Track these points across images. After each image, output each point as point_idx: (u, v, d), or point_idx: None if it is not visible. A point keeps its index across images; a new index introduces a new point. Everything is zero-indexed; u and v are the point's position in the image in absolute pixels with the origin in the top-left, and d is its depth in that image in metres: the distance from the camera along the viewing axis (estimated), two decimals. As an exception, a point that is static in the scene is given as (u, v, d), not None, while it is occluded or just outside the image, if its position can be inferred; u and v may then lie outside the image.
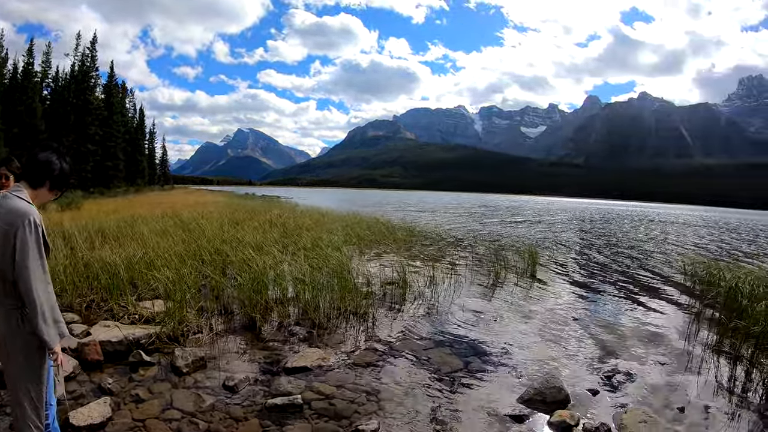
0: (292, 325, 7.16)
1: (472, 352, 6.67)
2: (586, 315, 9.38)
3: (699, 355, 7.25)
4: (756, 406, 5.56)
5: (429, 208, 54.87)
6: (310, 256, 10.54)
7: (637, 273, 15.25)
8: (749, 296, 9.36)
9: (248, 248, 10.42)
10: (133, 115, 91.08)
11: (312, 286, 8.15)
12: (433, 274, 11.44)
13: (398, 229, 19.96)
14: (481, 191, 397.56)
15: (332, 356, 6.05)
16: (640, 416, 4.88)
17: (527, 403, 5.12)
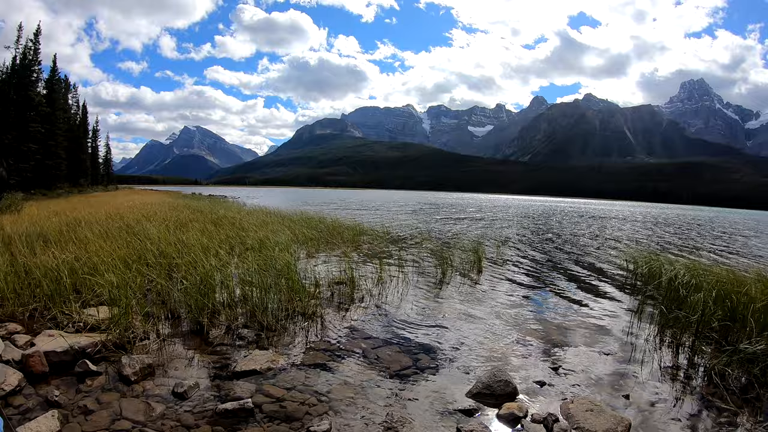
0: (241, 328, 7.05)
1: (420, 349, 6.75)
2: (532, 308, 9.64)
3: (642, 345, 7.57)
4: (698, 390, 5.89)
5: (376, 207, 54.95)
6: (257, 257, 10.39)
7: (580, 267, 15.74)
8: (687, 287, 9.77)
9: (194, 250, 10.29)
10: (76, 112, 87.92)
11: (260, 287, 8.08)
12: (380, 272, 11.49)
13: (345, 228, 19.95)
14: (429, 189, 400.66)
15: (282, 358, 6.03)
16: (587, 405, 5.05)
17: (476, 397, 5.24)
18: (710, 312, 7.90)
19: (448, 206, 68.79)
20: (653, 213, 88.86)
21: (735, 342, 6.92)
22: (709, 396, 5.70)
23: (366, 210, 46.16)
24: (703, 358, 6.94)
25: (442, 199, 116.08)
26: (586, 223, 43.34)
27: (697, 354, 7.14)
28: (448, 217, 40.33)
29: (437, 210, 53.85)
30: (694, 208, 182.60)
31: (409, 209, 52.75)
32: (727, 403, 5.46)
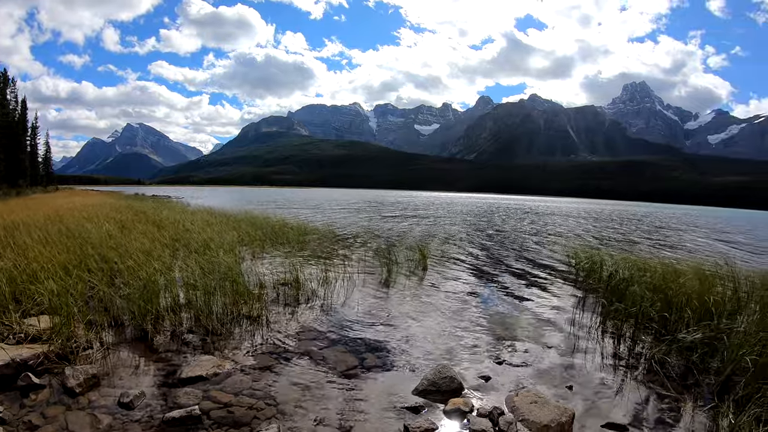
0: (185, 333, 6.97)
1: (367, 348, 6.82)
2: (477, 305, 9.81)
3: (585, 337, 7.87)
4: (640, 379, 6.18)
5: (323, 206, 54.66)
6: (201, 259, 10.22)
7: (524, 263, 16.07)
8: (627, 280, 10.18)
9: (137, 254, 10.13)
10: (15, 108, 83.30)
11: (204, 291, 7.98)
12: (325, 272, 11.46)
13: (290, 228, 19.85)
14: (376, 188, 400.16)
15: (228, 363, 5.98)
16: (531, 397, 5.23)
17: (422, 395, 5.35)
18: (649, 303, 8.30)
19: (395, 204, 68.77)
20: (596, 209, 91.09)
21: (674, 331, 7.29)
22: (650, 384, 6.00)
23: (312, 209, 45.86)
24: (644, 347, 7.28)
25: (388, 197, 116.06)
26: (530, 219, 44.15)
27: (637, 344, 7.49)
28: (393, 216, 40.36)
29: (383, 208, 53.85)
30: (634, 204, 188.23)
31: (356, 208, 52.64)
32: (668, 390, 5.78)
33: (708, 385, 5.94)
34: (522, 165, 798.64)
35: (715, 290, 8.46)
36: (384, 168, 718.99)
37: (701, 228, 44.13)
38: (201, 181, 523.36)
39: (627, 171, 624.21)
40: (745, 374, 5.60)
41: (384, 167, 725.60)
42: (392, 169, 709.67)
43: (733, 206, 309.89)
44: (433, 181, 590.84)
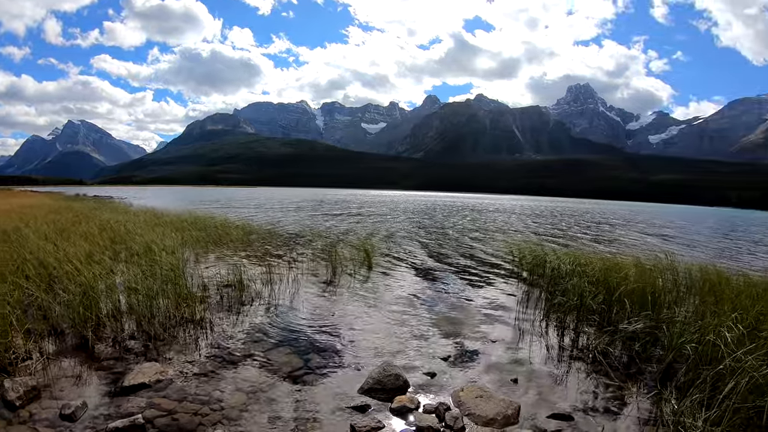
0: (127, 340, 6.75)
1: (312, 348, 6.77)
2: (422, 302, 9.87)
3: (529, 330, 8.03)
4: (584, 369, 6.32)
5: (268, 205, 54.10)
6: (142, 262, 9.88)
7: (469, 259, 16.32)
8: (569, 274, 10.47)
9: (77, 258, 9.83)
10: None
11: (146, 295, 7.73)
12: (269, 273, 11.34)
13: (234, 228, 19.60)
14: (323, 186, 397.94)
15: (171, 368, 5.82)
16: (476, 392, 5.27)
17: (368, 393, 5.34)
18: (591, 296, 8.53)
19: (341, 203, 68.69)
20: (539, 206, 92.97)
21: (616, 323, 7.52)
22: (594, 374, 6.15)
23: (257, 209, 45.34)
24: (587, 339, 7.43)
25: (335, 196, 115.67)
26: (475, 216, 44.87)
27: (580, 336, 7.67)
28: (339, 214, 40.28)
29: (329, 207, 53.65)
30: (578, 201, 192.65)
31: (302, 207, 52.31)
32: (612, 379, 5.93)
33: (650, 372, 6.13)
34: (468, 164, 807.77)
35: (656, 282, 8.72)
36: (331, 166, 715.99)
37: (637, 223, 46.05)
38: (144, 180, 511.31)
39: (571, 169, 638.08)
40: (686, 361, 5.81)
41: (331, 166, 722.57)
42: (339, 167, 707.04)
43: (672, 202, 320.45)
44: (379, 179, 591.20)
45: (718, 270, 10.17)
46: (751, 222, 68.83)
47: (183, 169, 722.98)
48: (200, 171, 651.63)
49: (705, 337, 5.77)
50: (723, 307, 6.73)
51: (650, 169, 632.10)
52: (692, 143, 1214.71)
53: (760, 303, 6.92)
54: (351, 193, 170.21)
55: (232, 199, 72.14)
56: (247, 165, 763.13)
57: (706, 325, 6.07)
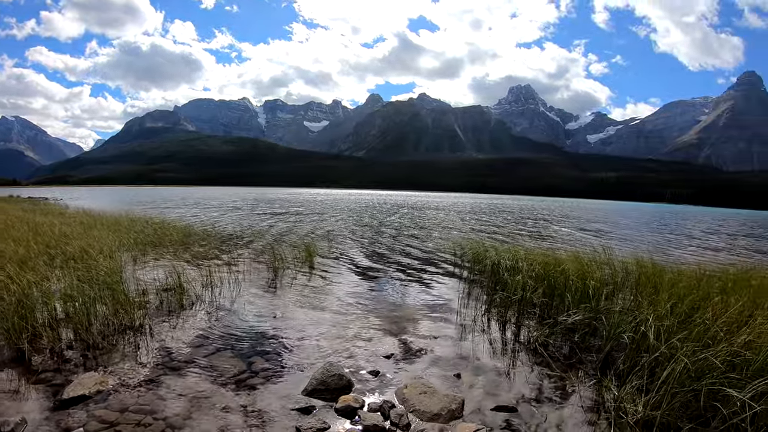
0: (65, 350, 6.41)
1: (255, 352, 6.63)
2: (365, 301, 9.85)
3: (471, 326, 8.11)
4: (526, 361, 6.44)
5: (209, 205, 53.12)
6: (79, 267, 9.49)
7: (411, 257, 16.38)
8: (509, 270, 10.60)
9: (10, 264, 9.42)
10: None
11: (83, 301, 7.37)
12: (210, 275, 11.08)
13: (174, 230, 19.17)
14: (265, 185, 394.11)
15: (111, 378, 5.57)
16: (420, 388, 5.30)
17: (312, 394, 5.28)
18: (531, 290, 8.73)
19: (283, 202, 68.02)
20: (481, 203, 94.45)
21: (556, 315, 7.71)
22: (536, 365, 6.27)
23: (197, 209, 44.42)
24: (529, 332, 7.58)
25: (277, 195, 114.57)
26: (417, 214, 45.25)
27: (522, 329, 7.82)
28: (281, 213, 39.83)
29: (271, 206, 53.07)
30: (517, 198, 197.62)
31: (243, 206, 51.58)
32: (553, 370, 6.07)
33: (591, 362, 6.31)
34: (410, 162, 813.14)
35: (594, 275, 8.92)
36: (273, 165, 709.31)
37: (571, 219, 47.81)
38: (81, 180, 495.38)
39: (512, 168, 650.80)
40: (624, 350, 6.04)
41: (273, 164, 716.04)
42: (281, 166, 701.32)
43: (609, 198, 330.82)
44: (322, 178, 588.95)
45: (654, 262, 10.52)
46: (683, 217, 72.07)
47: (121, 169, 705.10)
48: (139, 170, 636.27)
49: (641, 327, 5.95)
50: (658, 298, 6.97)
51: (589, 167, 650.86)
52: (629, 142, 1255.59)
53: (694, 293, 7.19)
54: (293, 192, 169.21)
55: (170, 200, 70.60)
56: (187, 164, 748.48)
57: (642, 315, 6.25)
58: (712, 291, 7.55)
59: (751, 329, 5.35)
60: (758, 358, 4.76)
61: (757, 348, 4.92)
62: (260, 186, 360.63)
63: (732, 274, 9.59)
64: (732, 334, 5.25)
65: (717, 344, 5.01)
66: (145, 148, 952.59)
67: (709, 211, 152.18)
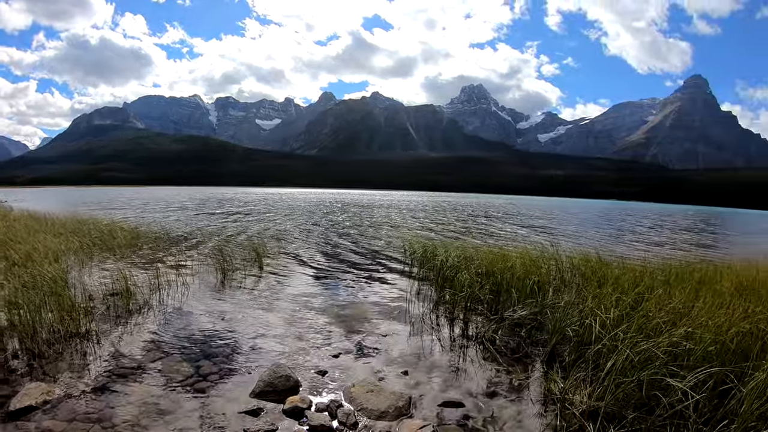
0: (11, 360, 6.15)
1: (203, 355, 6.51)
2: (314, 301, 9.81)
3: (420, 323, 8.16)
4: (473, 357, 6.51)
5: (157, 206, 51.97)
6: (24, 273, 9.25)
7: (361, 256, 16.43)
8: (456, 267, 10.70)
9: None
10: None
11: (27, 308, 7.06)
12: (158, 278, 10.83)
13: (122, 232, 18.76)
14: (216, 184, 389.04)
15: (58, 388, 5.36)
16: (368, 387, 5.31)
17: (260, 396, 5.23)
18: (478, 287, 8.84)
19: (233, 201, 67.19)
20: (433, 201, 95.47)
21: (503, 311, 7.81)
22: (483, 360, 6.35)
23: (145, 210, 43.40)
24: (476, 328, 7.68)
25: (227, 194, 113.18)
26: (369, 213, 45.42)
27: (469, 325, 7.90)
28: (231, 213, 39.30)
29: (221, 206, 52.36)
30: (469, 196, 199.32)
31: (192, 207, 50.73)
32: (501, 364, 6.16)
33: (537, 355, 6.44)
34: (363, 161, 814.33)
35: (541, 271, 9.07)
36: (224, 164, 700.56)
37: (518, 216, 48.91)
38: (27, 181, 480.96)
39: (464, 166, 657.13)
40: (569, 343, 6.18)
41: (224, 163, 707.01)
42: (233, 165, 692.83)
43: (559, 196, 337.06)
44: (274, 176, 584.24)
45: (600, 257, 10.75)
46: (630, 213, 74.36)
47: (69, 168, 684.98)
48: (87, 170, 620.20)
49: (585, 320, 6.12)
50: (603, 291, 7.16)
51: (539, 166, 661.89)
52: (579, 142, 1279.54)
53: (638, 286, 7.39)
54: (245, 191, 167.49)
55: (117, 201, 69.04)
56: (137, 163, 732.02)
57: (586, 309, 6.42)
58: (655, 284, 7.81)
59: (692, 320, 5.52)
60: (699, 348, 4.93)
61: (698, 338, 5.09)
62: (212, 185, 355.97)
63: (675, 267, 9.94)
64: (674, 326, 5.40)
65: (658, 335, 5.16)
66: (92, 146, 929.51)
67: (657, 207, 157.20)
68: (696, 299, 6.65)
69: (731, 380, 4.48)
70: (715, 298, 6.67)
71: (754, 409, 4.05)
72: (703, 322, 5.50)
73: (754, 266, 10.95)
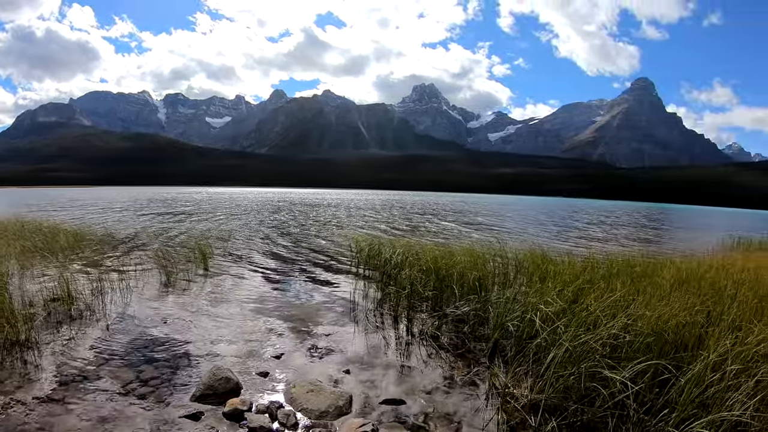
0: None
1: (144, 360, 6.33)
2: (258, 302, 9.68)
3: (364, 321, 8.19)
4: (416, 353, 6.54)
5: (103, 207, 50.75)
6: None
7: (308, 254, 16.37)
8: (400, 265, 10.79)
9: None
10: None
11: None
12: (101, 282, 10.45)
13: (64, 234, 18.24)
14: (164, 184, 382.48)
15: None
16: (308, 387, 5.27)
17: (200, 400, 5.14)
18: (422, 284, 8.93)
19: (180, 201, 65.96)
20: (383, 200, 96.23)
21: (446, 307, 7.89)
22: (426, 357, 6.39)
23: (91, 211, 42.19)
24: (421, 325, 7.71)
25: (175, 193, 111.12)
26: (317, 211, 45.41)
27: (414, 322, 7.94)
28: (178, 213, 38.53)
29: (168, 206, 51.38)
30: (419, 194, 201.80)
31: (139, 207, 49.63)
32: (443, 360, 6.22)
33: (480, 350, 6.50)
34: (314, 159, 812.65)
35: (485, 267, 9.15)
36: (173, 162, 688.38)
37: (464, 213, 49.78)
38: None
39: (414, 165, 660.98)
40: (511, 338, 6.23)
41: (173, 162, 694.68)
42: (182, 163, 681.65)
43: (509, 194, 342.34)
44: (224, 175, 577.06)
45: (543, 253, 10.90)
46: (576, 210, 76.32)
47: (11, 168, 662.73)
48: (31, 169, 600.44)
49: (526, 315, 6.17)
50: (545, 286, 7.24)
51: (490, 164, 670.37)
52: (528, 141, 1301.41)
53: (580, 280, 7.53)
54: (193, 190, 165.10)
55: (59, 201, 67.37)
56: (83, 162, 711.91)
57: (528, 303, 6.50)
58: (596, 278, 8.00)
59: (631, 313, 5.61)
60: (637, 341, 5.05)
61: (637, 330, 5.19)
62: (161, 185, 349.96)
63: (617, 262, 10.14)
64: (614, 318, 5.47)
65: (597, 328, 5.24)
66: (37, 144, 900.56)
67: (604, 204, 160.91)
68: (637, 293, 6.81)
69: (670, 371, 4.57)
70: (656, 291, 6.82)
71: (694, 398, 4.16)
72: (643, 314, 5.61)
73: (695, 260, 11.29)
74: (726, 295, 6.81)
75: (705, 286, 7.52)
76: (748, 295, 6.81)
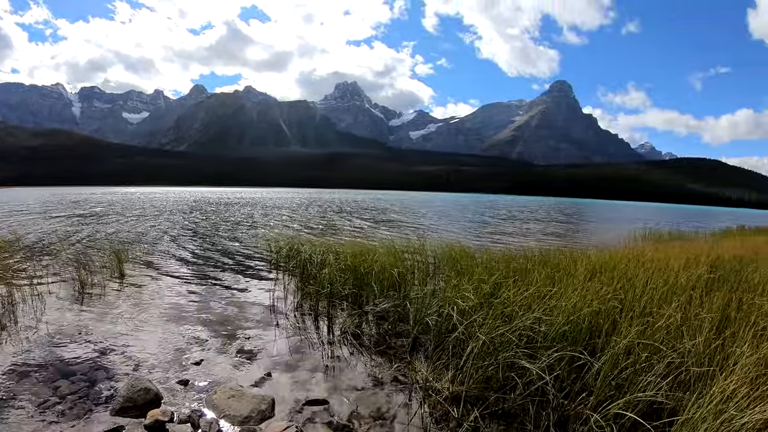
0: None
1: (60, 374, 6.01)
2: (178, 309, 9.40)
3: (285, 322, 8.16)
4: (338, 353, 6.59)
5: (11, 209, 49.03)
6: None
7: (227, 256, 16.13)
8: (319, 264, 10.81)
9: None
10: None
11: None
12: (9, 292, 9.77)
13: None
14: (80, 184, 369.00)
15: None
16: (229, 392, 5.20)
17: (121, 413, 4.96)
18: (341, 282, 8.95)
19: (95, 203, 63.37)
20: (302, 198, 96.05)
21: (366, 305, 8.06)
22: (348, 355, 6.45)
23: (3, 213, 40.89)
24: (342, 323, 7.77)
25: (88, 195, 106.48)
26: (238, 211, 44.68)
27: (334, 321, 8.01)
28: (92, 215, 36.81)
29: (81, 208, 49.33)
30: (338, 192, 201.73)
31: (50, 209, 47.42)
32: (366, 357, 6.31)
33: (401, 346, 6.61)
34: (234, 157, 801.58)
35: (405, 263, 9.28)
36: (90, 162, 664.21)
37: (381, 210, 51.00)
38: None
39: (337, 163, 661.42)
40: (429, 333, 6.37)
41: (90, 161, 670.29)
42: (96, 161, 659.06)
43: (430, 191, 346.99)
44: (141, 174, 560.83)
45: (463, 248, 11.12)
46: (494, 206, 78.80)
47: None
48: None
49: (443, 310, 6.30)
50: (462, 280, 7.41)
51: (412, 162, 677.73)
52: (449, 139, 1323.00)
53: (496, 274, 7.72)
54: (108, 190, 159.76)
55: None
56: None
57: (446, 298, 6.64)
58: (511, 272, 8.23)
59: (546, 304, 5.81)
60: (552, 330, 5.26)
61: (552, 320, 5.40)
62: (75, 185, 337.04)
63: (532, 256, 10.45)
64: (530, 310, 5.65)
65: (512, 321, 5.41)
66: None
67: (521, 199, 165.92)
68: (552, 284, 7.03)
69: (585, 357, 4.77)
70: (570, 282, 7.06)
71: (610, 380, 4.40)
72: (558, 304, 5.83)
73: (608, 252, 11.77)
74: (638, 283, 7.12)
75: (618, 276, 7.83)
76: (658, 282, 7.16)
